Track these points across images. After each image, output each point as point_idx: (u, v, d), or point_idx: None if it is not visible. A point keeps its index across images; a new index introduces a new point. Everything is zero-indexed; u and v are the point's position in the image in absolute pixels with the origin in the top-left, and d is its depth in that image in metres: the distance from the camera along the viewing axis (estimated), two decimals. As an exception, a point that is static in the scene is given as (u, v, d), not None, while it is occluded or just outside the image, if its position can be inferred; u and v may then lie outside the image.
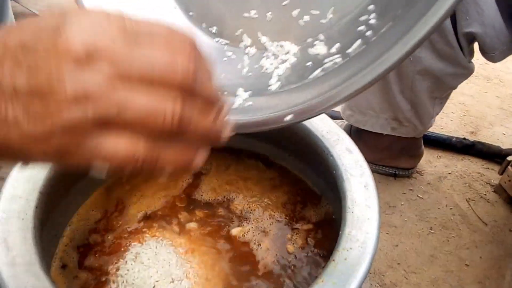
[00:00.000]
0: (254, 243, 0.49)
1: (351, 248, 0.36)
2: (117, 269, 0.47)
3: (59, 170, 0.45)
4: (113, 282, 0.46)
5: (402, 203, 0.89)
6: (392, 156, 0.92)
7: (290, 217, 0.52)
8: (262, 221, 0.52)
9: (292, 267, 0.47)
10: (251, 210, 0.53)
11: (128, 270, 0.47)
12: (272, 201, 0.54)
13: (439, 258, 0.80)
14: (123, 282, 0.46)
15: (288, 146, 0.56)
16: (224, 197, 0.55)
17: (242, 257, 0.48)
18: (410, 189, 0.92)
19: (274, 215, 0.52)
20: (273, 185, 0.56)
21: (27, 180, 0.43)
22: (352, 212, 0.39)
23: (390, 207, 0.88)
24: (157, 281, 0.46)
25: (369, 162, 0.96)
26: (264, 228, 0.51)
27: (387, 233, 0.84)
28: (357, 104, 0.85)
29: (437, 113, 0.85)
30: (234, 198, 0.54)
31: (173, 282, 0.46)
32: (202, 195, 0.55)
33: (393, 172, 0.93)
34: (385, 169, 0.94)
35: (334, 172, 0.44)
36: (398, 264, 0.79)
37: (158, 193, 0.55)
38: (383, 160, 0.93)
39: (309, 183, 0.56)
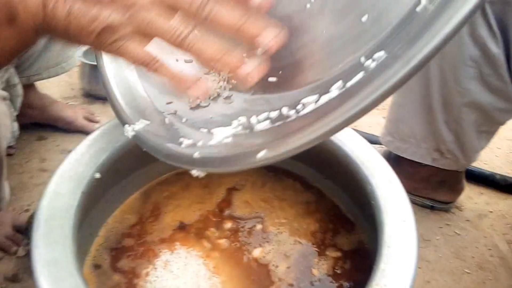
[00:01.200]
0: (276, 266, 0.49)
1: (385, 286, 0.35)
2: (147, 275, 0.48)
3: (102, 170, 0.46)
4: (142, 287, 0.47)
5: (438, 237, 0.86)
6: (431, 188, 0.89)
7: (318, 244, 0.51)
8: (289, 244, 0.51)
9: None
10: (281, 232, 0.53)
11: (157, 277, 0.47)
12: (303, 227, 0.53)
13: (473, 300, 0.76)
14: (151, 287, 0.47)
15: (326, 169, 0.55)
16: (256, 214, 0.55)
17: (267, 277, 0.48)
18: (447, 224, 0.88)
19: (302, 241, 0.52)
20: (308, 210, 0.55)
21: (71, 179, 0.45)
22: (389, 247, 0.38)
23: (424, 241, 0.85)
24: (184, 291, 0.46)
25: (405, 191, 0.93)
26: (290, 252, 0.50)
27: (419, 268, 0.81)
28: (398, 130, 0.83)
29: (482, 148, 0.82)
30: (266, 217, 0.54)
31: (199, 294, 0.46)
32: (235, 211, 0.55)
33: (430, 204, 0.90)
34: (422, 200, 0.91)
35: (372, 202, 0.43)
36: (429, 301, 0.76)
37: (193, 205, 0.56)
38: (420, 191, 0.90)
39: (343, 209, 0.55)
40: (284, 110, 0.33)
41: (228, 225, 0.54)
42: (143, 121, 0.41)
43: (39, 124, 1.02)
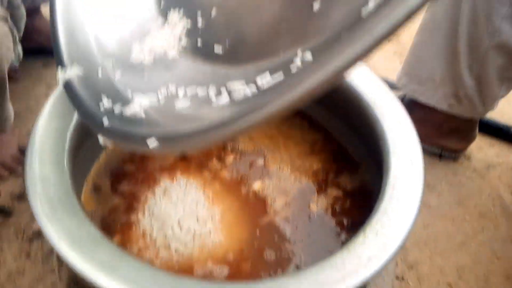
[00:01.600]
0: (274, 200, 0.49)
1: (384, 224, 0.34)
2: (146, 201, 0.48)
3: None
4: (140, 211, 0.47)
5: (443, 185, 0.85)
6: (442, 135, 0.86)
7: (319, 183, 0.50)
8: (289, 181, 0.51)
9: (310, 229, 0.46)
10: (282, 169, 0.52)
11: (155, 203, 0.48)
12: (305, 166, 0.52)
13: (470, 246, 0.77)
14: (149, 213, 0.47)
15: (336, 108, 0.53)
16: (259, 150, 0.54)
17: (263, 209, 0.48)
18: (454, 173, 0.87)
19: (303, 179, 0.51)
20: (312, 150, 0.54)
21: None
22: (393, 188, 0.37)
23: (428, 187, 0.84)
24: (181, 218, 0.46)
25: (415, 136, 0.91)
26: (290, 188, 0.50)
27: (420, 211, 0.81)
28: (417, 72, 0.79)
29: (502, 96, 0.78)
30: (268, 154, 0.53)
31: (197, 221, 0.46)
32: (239, 145, 0.54)
33: (439, 152, 0.89)
34: (431, 148, 0.89)
35: (380, 142, 0.41)
36: (425, 244, 0.77)
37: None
38: (431, 138, 0.88)
39: (350, 150, 0.53)
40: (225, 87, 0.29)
41: (230, 158, 0.53)
42: (75, 68, 0.36)
43: (46, 50, 0.99)
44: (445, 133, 0.85)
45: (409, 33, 0.99)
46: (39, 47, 0.96)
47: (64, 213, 0.32)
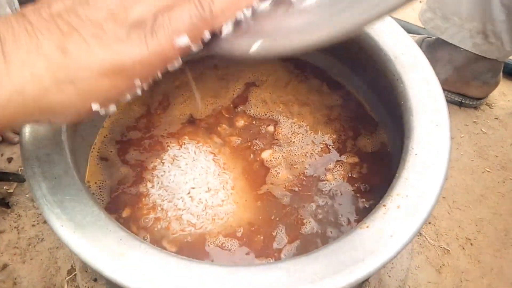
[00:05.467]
0: (289, 169, 0.46)
1: (407, 196, 0.32)
2: (154, 169, 0.46)
3: None
4: (149, 181, 0.45)
5: (462, 135, 0.82)
6: (463, 80, 0.82)
7: (337, 150, 0.48)
8: (304, 149, 0.48)
9: (326, 200, 0.44)
10: (296, 136, 0.49)
11: (164, 171, 0.46)
12: (321, 134, 0.49)
13: (489, 199, 0.75)
14: (158, 183, 0.45)
15: (356, 64, 0.49)
16: (273, 116, 0.50)
17: (277, 180, 0.46)
18: (475, 122, 0.83)
19: (318, 147, 0.48)
20: (329, 118, 0.50)
21: None
22: (416, 154, 0.34)
23: (447, 138, 0.81)
24: (192, 188, 0.45)
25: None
26: (304, 157, 0.47)
27: (437, 165, 0.78)
28: (442, 5, 0.73)
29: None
30: (282, 121, 0.50)
31: (209, 191, 0.45)
32: (251, 109, 0.51)
33: (460, 100, 0.84)
34: (451, 96, 0.85)
35: (402, 103, 0.38)
36: (444, 197, 0.75)
37: (206, 98, 0.52)
38: (451, 84, 0.83)
39: (368, 108, 0.50)
40: None
41: (241, 122, 0.50)
42: None
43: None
44: (467, 77, 0.81)
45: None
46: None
47: (65, 195, 0.31)
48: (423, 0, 0.81)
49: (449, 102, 0.85)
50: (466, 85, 0.82)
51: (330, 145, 0.48)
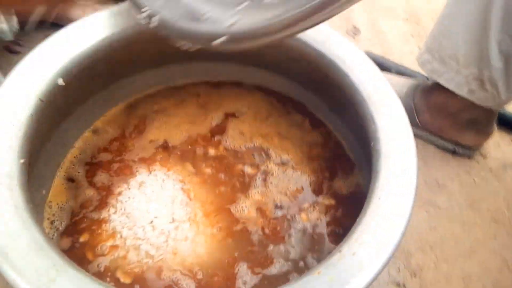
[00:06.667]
0: (260, 206, 0.45)
1: (365, 243, 0.30)
2: (120, 194, 0.45)
3: (66, 75, 0.40)
4: (113, 206, 0.44)
5: (454, 184, 0.79)
6: (457, 127, 0.80)
7: (312, 190, 0.46)
8: (279, 185, 0.46)
9: (299, 240, 0.42)
10: (273, 173, 0.47)
11: (129, 197, 0.44)
12: (298, 174, 0.48)
13: (479, 254, 0.71)
14: (121, 209, 0.43)
15: (335, 102, 0.48)
16: (250, 149, 0.49)
17: (248, 218, 0.44)
18: (467, 171, 0.81)
19: (294, 184, 0.46)
20: (309, 154, 0.49)
21: (26, 82, 0.37)
22: (379, 199, 0.32)
23: (438, 185, 0.79)
24: (156, 217, 0.43)
25: (428, 130, 0.85)
26: (278, 193, 0.46)
27: (426, 212, 0.76)
28: (440, 48, 0.73)
29: (530, 85, 0.71)
30: (258, 155, 0.48)
31: (173, 222, 0.43)
32: (228, 140, 0.50)
33: (453, 148, 0.82)
34: (444, 143, 0.83)
35: (372, 144, 0.37)
36: (431, 248, 0.72)
37: (183, 124, 0.51)
38: (445, 131, 0.81)
39: (346, 148, 0.49)
40: None
41: (216, 153, 0.49)
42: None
43: (46, 23, 0.96)
44: (461, 124, 0.79)
45: (429, 14, 0.92)
46: (40, 20, 0.93)
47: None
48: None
49: (442, 149, 0.83)
50: (460, 132, 0.80)
51: (306, 184, 0.46)
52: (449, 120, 0.79)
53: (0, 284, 0.57)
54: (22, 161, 0.33)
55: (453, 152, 0.83)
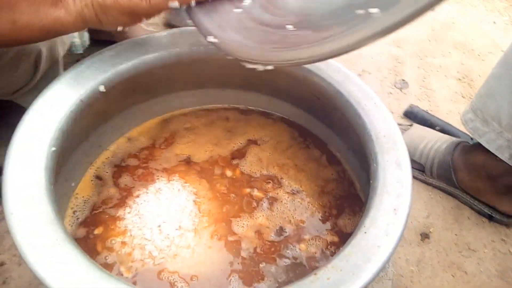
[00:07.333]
0: (264, 232, 0.46)
1: (341, 270, 0.31)
2: (137, 196, 0.49)
3: (108, 85, 0.44)
4: (129, 206, 0.48)
5: (486, 250, 0.75)
6: (495, 191, 0.76)
7: (317, 223, 0.47)
8: (286, 214, 0.48)
9: (292, 266, 0.43)
10: (282, 201, 0.49)
11: (144, 201, 0.48)
12: (308, 206, 0.49)
13: (503, 329, 0.66)
14: (136, 210, 0.47)
15: (351, 142, 0.50)
16: (264, 176, 0.51)
17: (250, 240, 0.46)
18: (503, 239, 0.77)
19: (300, 217, 0.48)
20: (322, 190, 0.51)
21: (71, 87, 0.42)
22: (365, 232, 0.33)
23: (469, 250, 0.75)
24: (164, 222, 0.46)
25: (465, 190, 0.81)
26: (285, 222, 0.47)
27: (452, 276, 0.72)
28: (484, 107, 0.71)
29: None
30: (271, 183, 0.51)
31: (179, 229, 0.46)
32: (245, 164, 0.53)
33: (489, 213, 0.79)
34: (481, 207, 0.79)
35: (371, 182, 0.37)
36: (451, 313, 0.68)
37: (208, 145, 0.55)
38: (483, 194, 0.78)
39: (358, 186, 0.50)
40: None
41: (232, 175, 0.51)
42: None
43: (114, 43, 1.06)
44: (500, 189, 0.76)
45: (484, 77, 0.91)
46: (108, 40, 1.03)
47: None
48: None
49: (478, 212, 0.80)
50: (498, 198, 0.77)
51: (312, 217, 0.48)
52: (488, 183, 0.76)
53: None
54: (53, 149, 0.38)
55: (490, 218, 0.79)
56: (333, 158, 0.52)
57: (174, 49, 0.48)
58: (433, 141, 0.82)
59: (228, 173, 0.52)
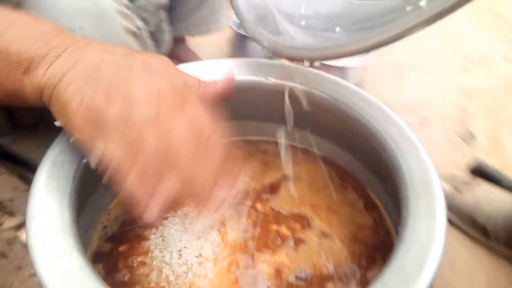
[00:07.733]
0: (288, 274, 0.44)
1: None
2: (165, 218, 0.49)
3: None
4: (155, 227, 0.48)
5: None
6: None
7: (345, 272, 0.44)
8: (311, 258, 0.45)
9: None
10: (309, 243, 0.46)
11: (170, 223, 0.48)
12: (336, 252, 0.46)
13: None
14: (160, 232, 0.47)
15: (391, 185, 0.46)
16: (294, 214, 0.49)
17: (268, 277, 0.43)
18: None
19: (326, 263, 0.45)
20: (354, 236, 0.47)
21: None
22: (383, 284, 0.30)
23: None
24: (185, 247, 0.45)
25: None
26: (308, 266, 0.44)
27: None
28: None
29: None
30: (301, 224, 0.48)
31: (199, 257, 0.45)
32: (276, 200, 0.51)
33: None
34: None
35: (399, 229, 0.34)
36: None
37: (243, 177, 0.54)
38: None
39: (394, 236, 0.46)
40: None
41: (262, 209, 0.50)
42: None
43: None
44: None
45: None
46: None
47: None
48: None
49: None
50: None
51: (340, 264, 0.44)
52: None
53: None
54: (84, 161, 0.39)
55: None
56: (371, 203, 0.49)
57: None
58: (502, 203, 0.74)
59: (258, 206, 0.50)
